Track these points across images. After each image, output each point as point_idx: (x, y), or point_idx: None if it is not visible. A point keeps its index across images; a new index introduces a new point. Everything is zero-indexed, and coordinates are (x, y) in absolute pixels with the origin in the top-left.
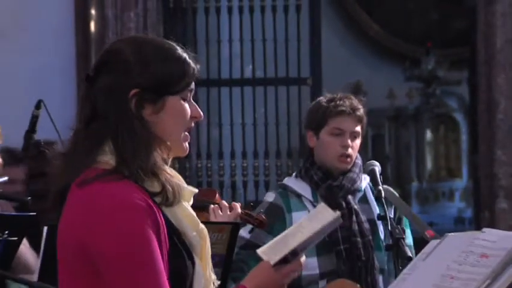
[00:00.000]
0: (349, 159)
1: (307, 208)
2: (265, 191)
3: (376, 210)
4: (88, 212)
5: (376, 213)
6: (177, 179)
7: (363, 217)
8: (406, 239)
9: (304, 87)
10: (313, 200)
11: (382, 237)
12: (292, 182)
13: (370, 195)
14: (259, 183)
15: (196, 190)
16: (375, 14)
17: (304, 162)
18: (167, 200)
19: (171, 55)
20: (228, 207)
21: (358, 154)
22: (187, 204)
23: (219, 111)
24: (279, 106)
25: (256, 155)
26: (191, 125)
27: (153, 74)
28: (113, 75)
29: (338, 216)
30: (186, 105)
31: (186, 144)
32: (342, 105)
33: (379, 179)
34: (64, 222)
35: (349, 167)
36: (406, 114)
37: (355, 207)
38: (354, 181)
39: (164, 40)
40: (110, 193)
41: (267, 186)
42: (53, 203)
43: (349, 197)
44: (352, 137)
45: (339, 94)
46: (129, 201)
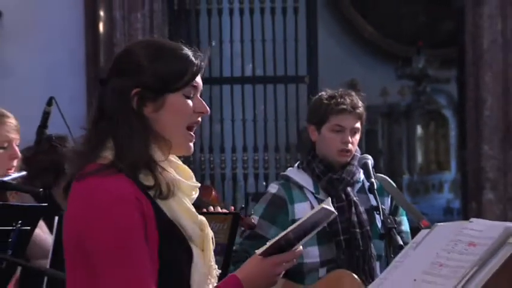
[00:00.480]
0: (349, 153)
1: (308, 199)
2: (264, 183)
3: (373, 200)
4: (81, 205)
5: (374, 202)
6: (183, 171)
7: (361, 208)
8: (403, 226)
9: (302, 85)
10: (314, 191)
11: (379, 225)
12: (294, 173)
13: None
14: (259, 176)
15: (198, 184)
16: (369, 16)
17: (307, 154)
18: (161, 193)
19: (171, 54)
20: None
21: (357, 147)
22: (186, 198)
23: (220, 108)
24: (278, 103)
25: (256, 149)
26: (197, 120)
27: (153, 73)
28: (120, 77)
29: (328, 209)
30: (187, 101)
31: (190, 144)
32: (343, 103)
33: (372, 172)
34: (66, 215)
35: (349, 160)
36: (398, 110)
37: (354, 199)
38: (353, 174)
39: (169, 41)
40: (101, 187)
41: (266, 178)
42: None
43: (349, 189)
44: (352, 132)
45: (340, 91)
46: (118, 195)
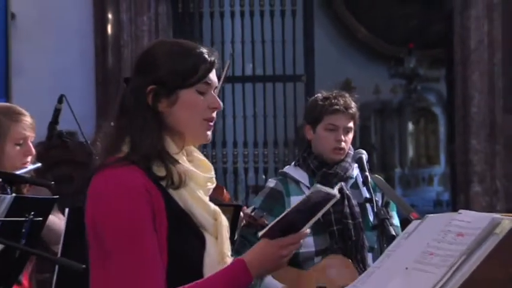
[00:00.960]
0: (342, 151)
1: (304, 193)
2: (264, 177)
3: (366, 195)
4: (94, 195)
5: (367, 194)
6: (204, 165)
7: (354, 201)
8: (393, 219)
9: (299, 84)
10: (310, 185)
11: (371, 218)
12: (291, 170)
13: (361, 182)
14: (259, 170)
15: (213, 176)
16: (362, 18)
17: (303, 152)
18: (172, 183)
19: (185, 52)
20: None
21: (350, 145)
22: (199, 188)
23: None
24: (277, 101)
25: (256, 144)
26: (211, 115)
27: (167, 70)
28: (140, 76)
29: (321, 191)
30: (200, 97)
31: (207, 132)
32: (337, 104)
33: (366, 165)
34: (86, 204)
35: (343, 157)
36: (390, 107)
37: (347, 192)
38: (347, 169)
39: (186, 41)
40: (113, 178)
41: (265, 172)
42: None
43: (342, 184)
44: (345, 131)
45: (334, 92)
46: (128, 186)
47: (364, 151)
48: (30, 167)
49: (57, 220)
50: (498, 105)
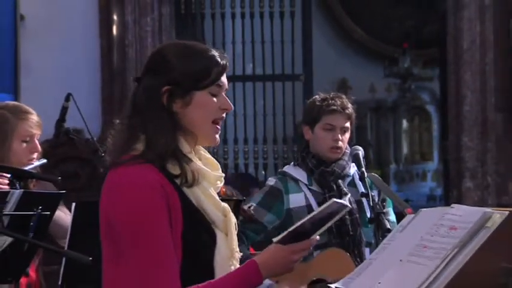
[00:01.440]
0: (339, 150)
1: (303, 191)
2: (264, 172)
3: (362, 190)
4: (110, 191)
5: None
6: (211, 163)
7: (351, 198)
8: (389, 216)
9: (298, 83)
10: (308, 183)
11: (368, 214)
12: (290, 169)
13: (358, 180)
14: (259, 165)
15: (223, 175)
16: (358, 19)
17: (301, 151)
18: (186, 181)
19: (199, 55)
20: None
21: (347, 145)
22: (210, 186)
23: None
24: (276, 99)
25: (256, 141)
26: (221, 115)
27: (181, 71)
28: (153, 76)
29: (338, 202)
30: (213, 99)
31: (216, 136)
32: (334, 105)
33: (363, 161)
34: (101, 200)
35: (340, 156)
36: (385, 106)
37: (345, 189)
38: (344, 168)
39: (196, 43)
40: (129, 175)
41: (265, 168)
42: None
43: (339, 181)
44: (342, 131)
45: (331, 93)
46: (144, 183)
47: (360, 147)
48: (36, 163)
49: (63, 215)
50: (490, 103)
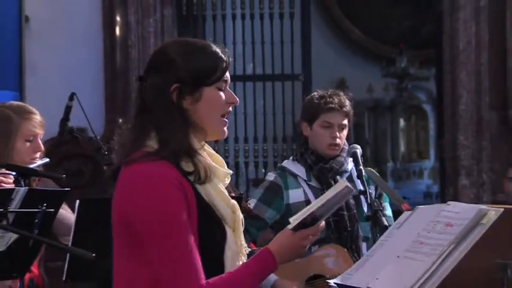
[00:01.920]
0: (337, 147)
1: (302, 186)
2: (264, 170)
3: (360, 187)
4: (129, 189)
5: (361, 187)
6: (216, 160)
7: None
8: (386, 211)
9: (297, 83)
10: (307, 179)
11: (365, 210)
12: (289, 164)
13: (355, 176)
14: (259, 164)
15: (230, 172)
16: (357, 21)
17: (300, 147)
18: (199, 178)
19: (203, 52)
20: None
21: (345, 141)
22: (220, 183)
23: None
24: (276, 99)
25: (256, 140)
26: (228, 109)
27: (190, 69)
28: (159, 74)
29: (347, 186)
30: (220, 94)
31: (224, 129)
32: (332, 102)
33: (360, 159)
34: (114, 198)
35: (338, 153)
36: (382, 105)
37: None
38: (342, 164)
39: (199, 40)
40: (148, 172)
41: (265, 166)
42: (108, 180)
43: (338, 177)
44: (340, 128)
45: (329, 91)
46: (163, 179)
47: (358, 146)
48: (39, 162)
49: (65, 212)
50: (485, 103)
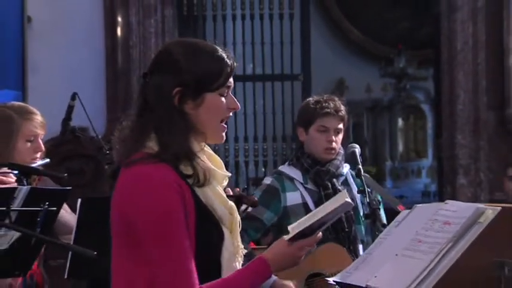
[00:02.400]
0: (333, 151)
1: (298, 189)
2: (263, 169)
3: (357, 189)
4: (128, 191)
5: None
6: (215, 161)
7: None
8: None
9: (297, 83)
10: (303, 182)
11: (361, 212)
12: (285, 168)
13: (351, 179)
14: (259, 163)
15: (229, 174)
16: (355, 21)
17: (296, 152)
18: (198, 181)
19: (208, 56)
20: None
21: (341, 145)
22: (219, 186)
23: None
24: (275, 98)
25: (256, 139)
26: (229, 114)
27: (192, 73)
28: (162, 74)
29: (348, 201)
30: (222, 99)
31: (222, 134)
32: (327, 107)
33: (359, 159)
34: (113, 198)
35: (334, 156)
36: (381, 105)
37: (339, 187)
38: (338, 167)
39: (204, 42)
40: (148, 174)
41: (265, 165)
42: (108, 180)
43: (334, 180)
44: (336, 132)
45: (324, 96)
46: (163, 181)
47: (357, 145)
48: (39, 162)
49: (65, 212)
50: (482, 102)
